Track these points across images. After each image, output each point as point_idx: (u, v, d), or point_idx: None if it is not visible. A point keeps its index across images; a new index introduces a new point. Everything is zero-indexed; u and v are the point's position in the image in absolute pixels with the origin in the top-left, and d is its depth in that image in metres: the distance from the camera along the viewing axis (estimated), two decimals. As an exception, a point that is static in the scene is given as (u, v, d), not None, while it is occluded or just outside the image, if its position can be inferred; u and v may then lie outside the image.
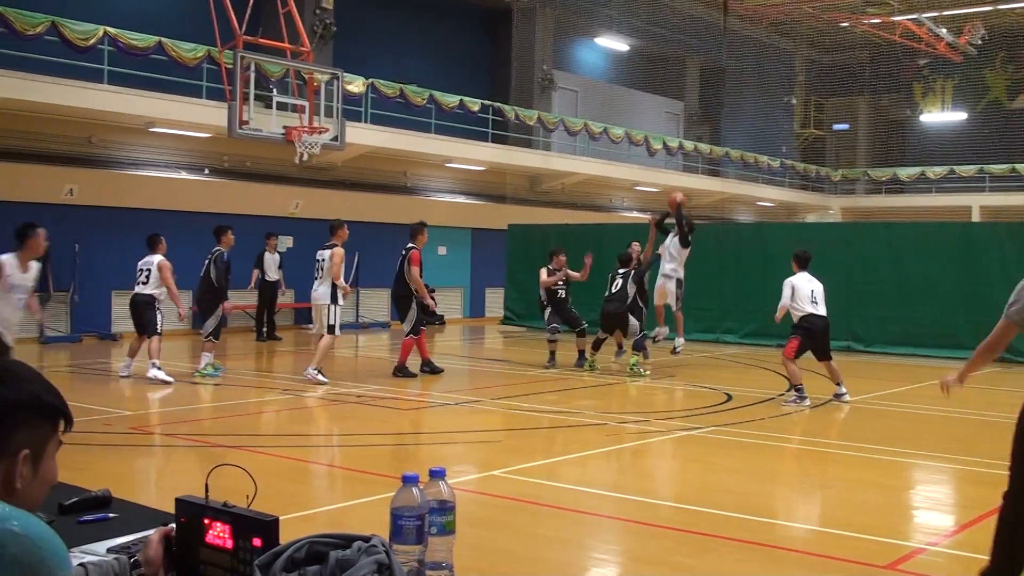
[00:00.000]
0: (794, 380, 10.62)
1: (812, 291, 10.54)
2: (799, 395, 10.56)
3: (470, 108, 22.07)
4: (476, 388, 12.33)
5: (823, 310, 10.55)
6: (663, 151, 28.01)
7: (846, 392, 10.79)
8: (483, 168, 23.43)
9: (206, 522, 1.96)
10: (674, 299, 13.42)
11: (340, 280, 11.81)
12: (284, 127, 13.54)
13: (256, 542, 1.88)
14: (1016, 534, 4.11)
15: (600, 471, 7.70)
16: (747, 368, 14.39)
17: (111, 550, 2.14)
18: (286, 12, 14.05)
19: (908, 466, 8.04)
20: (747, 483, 7.18)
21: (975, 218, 30.90)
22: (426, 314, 13.07)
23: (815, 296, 10.53)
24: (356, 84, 19.21)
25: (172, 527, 2.04)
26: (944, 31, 29.68)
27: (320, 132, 13.62)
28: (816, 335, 10.53)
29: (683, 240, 13.34)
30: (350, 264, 17.72)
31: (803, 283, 10.59)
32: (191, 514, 1.99)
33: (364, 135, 19.25)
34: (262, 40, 13.88)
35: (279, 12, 14.11)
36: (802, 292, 10.53)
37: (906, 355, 15.79)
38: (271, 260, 17.94)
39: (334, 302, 11.77)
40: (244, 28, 13.33)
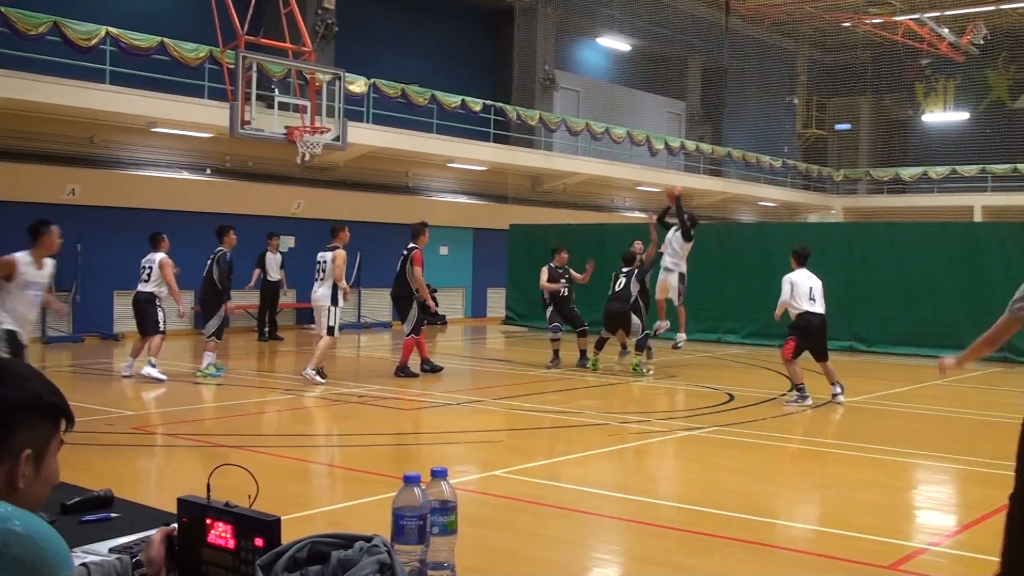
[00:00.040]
0: (795, 380, 10.61)
1: (811, 288, 10.52)
2: (801, 395, 10.55)
3: (472, 108, 22.07)
4: (478, 388, 12.33)
5: (821, 308, 10.53)
6: (665, 151, 27.98)
7: (840, 393, 10.77)
8: (485, 168, 23.42)
9: (208, 522, 1.96)
10: (676, 293, 13.39)
11: (343, 281, 11.84)
12: (286, 127, 13.56)
13: (258, 542, 1.88)
14: None
15: (602, 471, 7.70)
16: (749, 368, 14.38)
17: (113, 550, 2.14)
18: (288, 12, 14.07)
19: (910, 466, 8.03)
20: (749, 483, 7.17)
21: (977, 218, 30.87)
22: (427, 314, 13.07)
23: (813, 293, 10.51)
24: (358, 84, 19.21)
25: (174, 527, 2.04)
26: (946, 31, 29.65)
27: (322, 132, 13.64)
28: (812, 333, 10.51)
29: (685, 234, 13.32)
30: (352, 264, 17.73)
31: (802, 280, 10.58)
32: (193, 514, 1.99)
33: (366, 135, 19.25)
34: (264, 40, 13.90)
35: (281, 12, 14.13)
36: (800, 289, 10.51)
37: (908, 355, 15.75)
38: (273, 260, 17.95)
39: (334, 304, 11.79)
40: (246, 28, 13.36)
